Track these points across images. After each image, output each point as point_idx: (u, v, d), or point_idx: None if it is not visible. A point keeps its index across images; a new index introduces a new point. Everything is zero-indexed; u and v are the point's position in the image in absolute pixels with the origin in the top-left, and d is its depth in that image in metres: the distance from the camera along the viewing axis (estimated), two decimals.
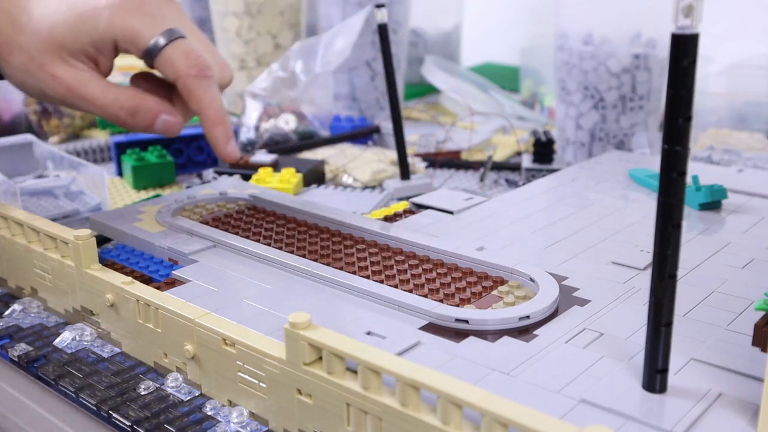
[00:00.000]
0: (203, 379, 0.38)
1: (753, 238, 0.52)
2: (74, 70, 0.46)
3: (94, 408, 0.38)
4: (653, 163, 0.69)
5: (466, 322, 0.39)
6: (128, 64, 1.26)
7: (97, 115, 0.49)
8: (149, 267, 0.48)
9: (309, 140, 0.83)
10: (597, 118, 0.77)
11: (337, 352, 0.32)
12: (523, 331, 0.39)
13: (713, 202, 0.57)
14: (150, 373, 0.41)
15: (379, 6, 0.64)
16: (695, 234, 0.52)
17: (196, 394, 0.39)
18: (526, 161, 0.74)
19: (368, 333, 0.37)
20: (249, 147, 0.81)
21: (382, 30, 0.65)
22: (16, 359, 0.42)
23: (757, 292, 0.43)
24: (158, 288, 0.43)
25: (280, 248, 0.49)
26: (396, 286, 0.43)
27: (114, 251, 0.52)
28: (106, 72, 0.48)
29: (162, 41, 0.46)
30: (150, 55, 0.46)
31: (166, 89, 0.49)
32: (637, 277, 0.45)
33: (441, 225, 0.54)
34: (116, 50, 0.47)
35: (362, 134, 0.86)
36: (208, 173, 0.74)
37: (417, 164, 0.75)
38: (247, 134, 0.82)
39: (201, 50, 0.48)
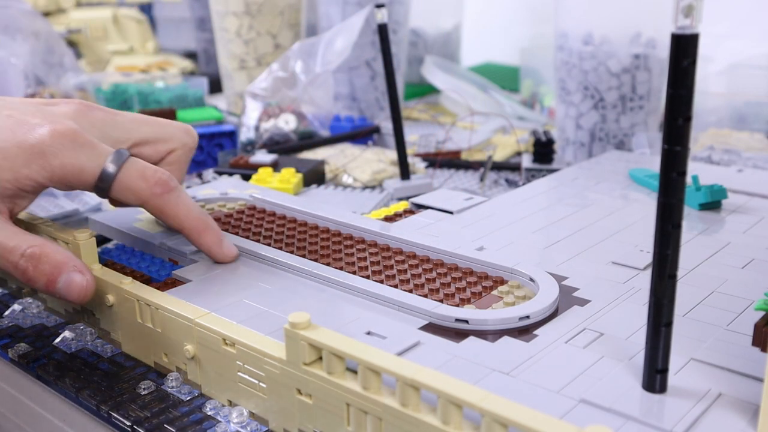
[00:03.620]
0: (203, 379, 0.39)
1: (753, 238, 0.52)
2: None
3: (94, 408, 0.38)
4: (653, 163, 0.69)
5: (466, 322, 0.39)
6: (128, 64, 1.26)
7: None
8: (149, 267, 0.48)
9: (309, 140, 0.83)
10: (597, 118, 0.77)
11: (337, 352, 0.32)
12: (523, 331, 0.39)
13: (713, 202, 0.57)
14: (150, 373, 0.41)
15: (379, 6, 0.64)
16: (695, 234, 0.52)
17: (196, 394, 0.39)
18: (526, 161, 0.74)
19: (368, 333, 0.37)
20: (249, 147, 0.81)
21: (382, 30, 0.65)
22: (16, 359, 0.42)
23: (757, 292, 0.43)
24: (158, 288, 0.43)
25: (280, 248, 0.49)
26: (396, 286, 0.43)
27: (114, 251, 0.52)
28: (16, 214, 0.42)
29: (111, 168, 0.41)
30: (103, 185, 0.42)
31: None
32: (637, 277, 0.45)
33: (441, 225, 0.54)
34: (45, 188, 0.42)
35: (362, 134, 0.86)
36: (208, 173, 0.74)
37: (417, 164, 0.75)
38: (247, 134, 0.82)
39: (157, 135, 0.46)
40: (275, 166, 0.70)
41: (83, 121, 0.43)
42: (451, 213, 0.56)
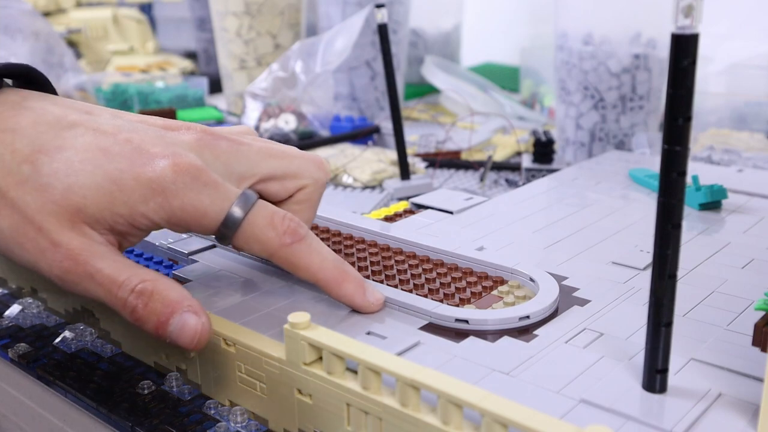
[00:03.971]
0: (203, 379, 0.38)
1: (753, 238, 0.52)
2: (86, 239, 0.35)
3: (94, 408, 0.38)
4: (653, 163, 0.69)
5: (466, 322, 0.39)
6: (128, 64, 1.26)
7: (99, 300, 0.36)
8: (149, 267, 0.48)
9: (309, 140, 0.83)
10: (597, 118, 0.77)
11: (337, 352, 0.32)
12: (523, 331, 0.39)
13: (713, 202, 0.57)
14: (150, 373, 0.41)
15: (379, 6, 0.64)
16: (695, 234, 0.52)
17: (196, 394, 0.39)
18: (526, 161, 0.74)
19: (368, 333, 0.37)
20: None
21: (382, 30, 0.65)
22: (16, 359, 0.42)
23: (757, 292, 0.43)
24: None
25: None
26: (396, 286, 0.43)
27: None
28: (125, 248, 0.38)
29: (238, 214, 0.37)
30: (227, 232, 0.37)
31: None
32: (637, 277, 0.45)
33: (441, 225, 0.54)
34: (160, 227, 0.37)
35: (362, 134, 0.86)
36: None
37: (417, 164, 0.75)
38: None
39: (291, 171, 0.41)
40: None
41: (207, 153, 0.38)
42: (451, 213, 0.56)
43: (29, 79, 0.39)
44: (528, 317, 0.39)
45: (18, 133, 0.35)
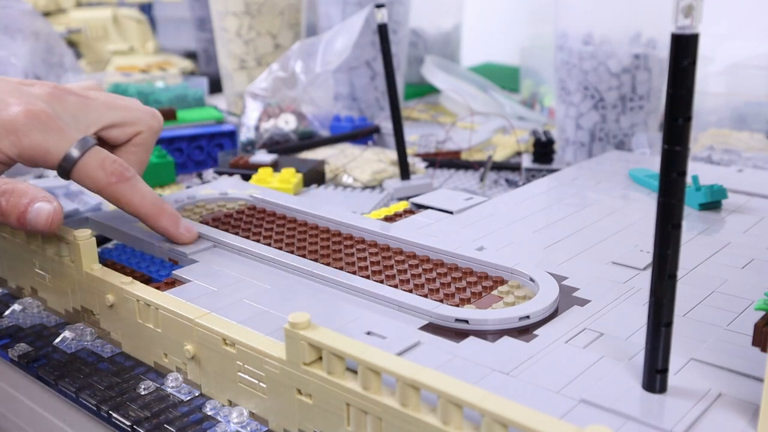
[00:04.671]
0: (203, 379, 0.39)
1: (753, 238, 0.52)
2: None
3: (94, 408, 0.38)
4: (653, 163, 0.69)
5: (466, 322, 0.39)
6: (128, 64, 1.26)
7: None
8: (149, 267, 0.48)
9: (309, 140, 0.83)
10: (597, 118, 0.77)
11: (337, 352, 0.32)
12: (523, 331, 0.39)
13: (713, 202, 0.57)
14: (150, 373, 0.41)
15: (379, 6, 0.64)
16: (695, 234, 0.52)
17: (196, 394, 0.39)
18: (526, 161, 0.74)
19: (368, 333, 0.37)
20: (249, 147, 0.81)
21: (382, 30, 0.65)
22: (16, 359, 0.42)
23: (757, 292, 0.43)
24: (158, 288, 0.43)
25: (280, 248, 0.49)
26: (396, 286, 0.43)
27: (114, 251, 0.52)
28: None
29: (75, 154, 0.44)
30: (64, 170, 0.45)
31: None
32: (637, 277, 0.45)
33: (441, 225, 0.54)
34: (14, 163, 0.45)
35: (362, 134, 0.86)
36: (208, 173, 0.74)
37: (417, 164, 0.75)
38: (247, 134, 0.82)
39: (124, 119, 0.48)
40: (275, 166, 0.70)
41: (56, 104, 0.46)
42: (451, 213, 0.56)
43: None
44: (528, 317, 0.39)
45: None
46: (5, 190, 0.43)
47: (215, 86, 1.12)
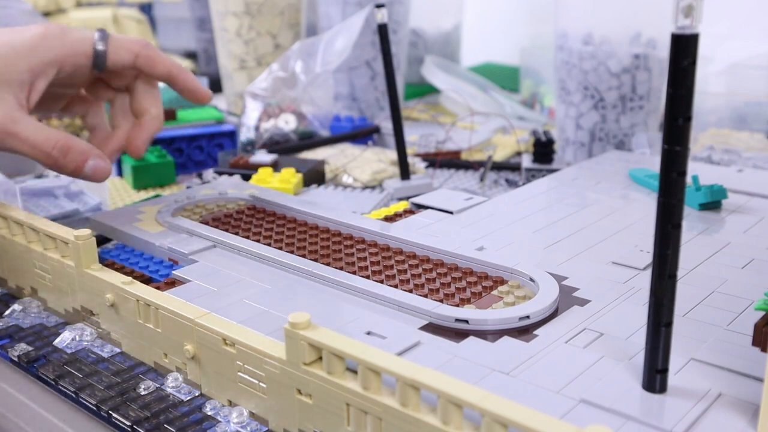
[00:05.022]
0: (203, 379, 0.38)
1: (753, 238, 0.52)
2: (4, 105, 0.46)
3: (94, 408, 0.38)
4: (653, 163, 0.69)
5: (466, 322, 0.39)
6: None
7: (24, 154, 0.48)
8: (149, 267, 0.48)
9: (309, 140, 0.83)
10: (597, 118, 0.77)
11: (337, 352, 0.32)
12: (523, 331, 0.39)
13: (713, 202, 0.57)
14: (150, 373, 0.41)
15: (379, 6, 0.64)
16: (695, 234, 0.52)
17: (196, 394, 0.39)
18: (526, 161, 0.74)
19: (368, 333, 0.37)
20: (249, 147, 0.81)
21: (382, 30, 0.65)
22: (16, 359, 0.42)
23: (757, 292, 0.43)
24: (158, 288, 0.43)
25: (280, 248, 0.49)
26: (396, 286, 0.43)
27: (114, 251, 0.52)
28: (31, 108, 0.48)
29: (101, 40, 0.50)
30: (101, 52, 0.49)
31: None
32: (637, 277, 0.45)
33: (441, 225, 0.54)
34: (58, 74, 0.48)
35: (362, 134, 0.86)
36: (208, 173, 0.74)
37: (417, 164, 0.75)
38: (247, 134, 0.82)
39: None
40: (275, 166, 0.70)
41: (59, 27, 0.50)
42: (451, 213, 0.56)
43: None
44: (528, 317, 0.39)
45: None
46: (63, 145, 0.47)
47: (215, 86, 1.12)
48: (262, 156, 0.71)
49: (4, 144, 0.46)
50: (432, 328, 0.39)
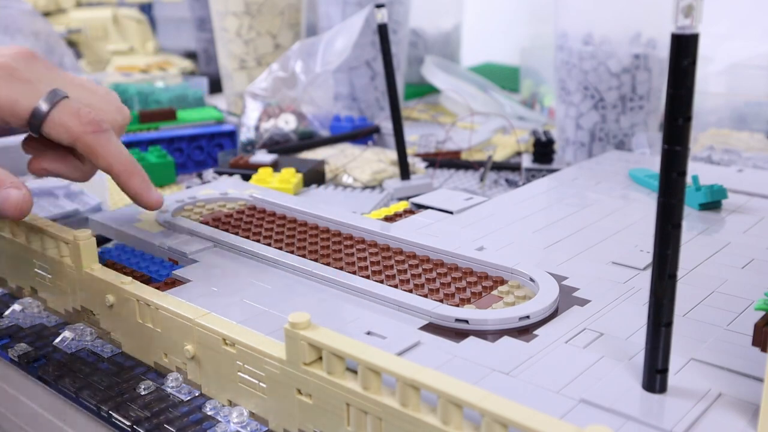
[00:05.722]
0: (203, 379, 0.38)
1: (753, 238, 0.52)
2: None
3: (94, 408, 0.38)
4: (653, 163, 0.69)
5: (466, 322, 0.39)
6: (128, 64, 1.26)
7: None
8: (149, 267, 0.48)
9: (309, 140, 0.83)
10: (597, 118, 0.77)
11: (337, 352, 0.32)
12: (523, 331, 0.39)
13: (713, 202, 0.57)
14: (150, 373, 0.41)
15: (379, 6, 0.64)
16: (695, 234, 0.52)
17: (196, 394, 0.39)
18: (526, 161, 0.74)
19: (368, 333, 0.37)
20: (249, 147, 0.81)
21: (382, 30, 0.65)
22: (16, 359, 0.42)
23: (757, 292, 0.43)
24: (158, 288, 0.43)
25: (280, 248, 0.49)
26: (396, 286, 0.43)
27: (114, 251, 0.52)
28: None
29: (45, 106, 0.43)
30: (35, 122, 0.43)
31: (62, 151, 0.46)
32: (637, 277, 0.45)
33: (441, 225, 0.54)
34: None
35: (362, 134, 0.86)
36: (208, 173, 0.74)
37: (417, 164, 0.75)
38: (247, 134, 0.82)
39: (89, 103, 0.46)
40: (275, 166, 0.70)
41: (23, 63, 0.44)
42: (451, 213, 0.56)
43: None
44: (528, 317, 0.39)
45: None
46: None
47: (215, 86, 1.12)
48: (262, 156, 0.71)
49: None
50: (432, 328, 0.39)
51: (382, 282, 0.44)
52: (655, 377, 0.33)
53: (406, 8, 0.96)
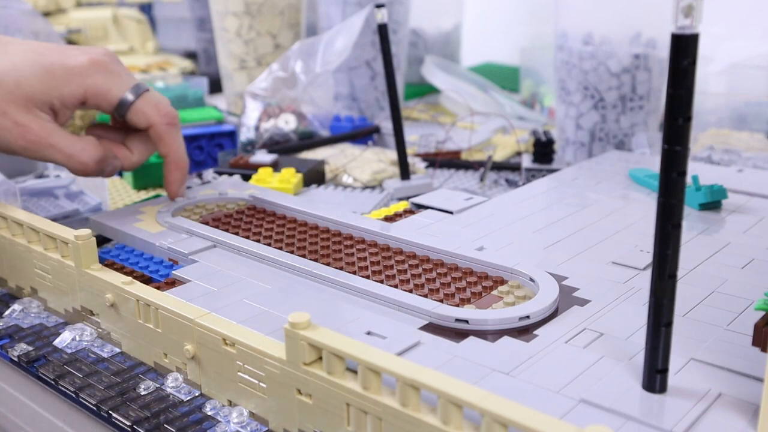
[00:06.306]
0: (203, 379, 0.39)
1: (753, 238, 0.52)
2: (40, 120, 0.49)
3: (94, 408, 0.38)
4: (653, 163, 0.69)
5: (466, 322, 0.39)
6: (128, 64, 1.26)
7: (58, 164, 0.51)
8: (149, 267, 0.48)
9: (309, 140, 0.83)
10: (597, 118, 0.77)
11: (337, 352, 0.32)
12: (523, 331, 0.39)
13: (713, 202, 0.57)
14: (150, 373, 0.41)
15: (379, 6, 0.64)
16: (695, 234, 0.52)
17: (196, 394, 0.39)
18: (526, 161, 0.74)
19: (368, 333, 0.37)
20: (249, 147, 0.81)
21: (382, 30, 0.65)
22: (16, 359, 0.42)
23: (757, 292, 0.43)
24: (158, 288, 0.43)
25: (280, 248, 0.49)
26: (396, 286, 0.43)
27: (114, 251, 0.52)
28: (62, 125, 0.52)
29: (131, 96, 0.51)
30: (122, 108, 0.51)
31: (119, 133, 0.55)
32: (637, 277, 0.45)
33: (441, 225, 0.54)
34: (81, 105, 0.51)
35: (362, 134, 0.86)
36: (208, 173, 0.74)
37: (417, 164, 0.75)
38: (247, 134, 0.82)
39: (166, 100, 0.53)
40: (275, 166, 0.70)
41: (111, 60, 0.52)
42: (451, 213, 0.56)
43: None
44: (528, 317, 0.39)
45: None
46: (99, 157, 0.51)
47: (215, 86, 1.12)
48: (262, 156, 0.71)
49: (43, 154, 0.50)
50: (432, 328, 0.39)
51: (382, 282, 0.44)
52: (655, 377, 0.33)
53: (406, 8, 0.96)
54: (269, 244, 0.49)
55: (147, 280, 0.47)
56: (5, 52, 0.50)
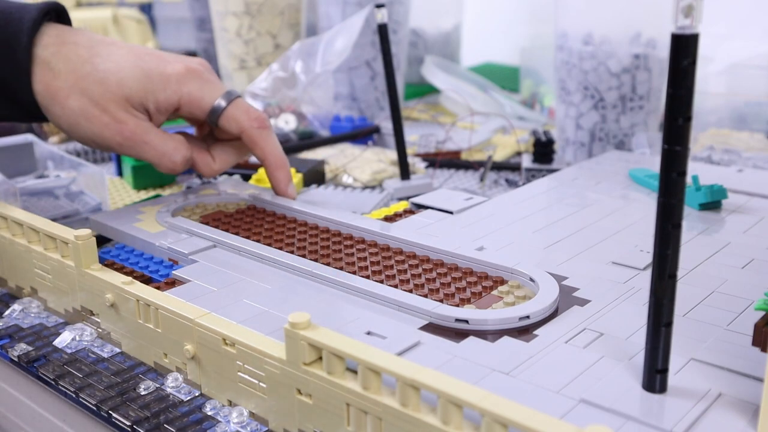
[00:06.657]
0: (203, 379, 0.39)
1: (753, 238, 0.52)
2: (136, 118, 0.52)
3: (94, 408, 0.38)
4: (653, 163, 0.69)
5: (466, 322, 0.39)
6: None
7: (149, 161, 0.53)
8: (149, 267, 0.48)
9: (309, 140, 0.83)
10: (597, 118, 0.77)
11: (337, 352, 0.32)
12: (523, 331, 0.39)
13: (713, 202, 0.57)
14: (150, 373, 0.41)
15: (379, 6, 0.64)
16: (695, 234, 0.52)
17: (196, 394, 0.39)
18: (526, 161, 0.74)
19: (368, 333, 0.37)
20: None
21: (382, 30, 0.65)
22: (16, 359, 0.42)
23: (757, 292, 0.43)
24: (158, 288, 0.43)
25: (280, 248, 0.49)
26: (396, 286, 0.43)
27: (114, 251, 0.52)
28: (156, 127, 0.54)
29: (223, 103, 0.53)
30: (214, 114, 0.54)
31: (204, 141, 0.57)
32: (637, 277, 0.45)
33: (441, 225, 0.54)
34: (174, 112, 0.54)
35: (362, 134, 0.86)
36: None
37: (417, 164, 0.75)
38: None
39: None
40: None
41: (204, 69, 0.55)
42: (451, 213, 0.56)
43: (58, 15, 0.54)
44: (528, 317, 0.39)
45: (78, 45, 0.52)
46: (188, 157, 0.54)
47: None
48: None
49: (137, 151, 0.52)
50: (432, 328, 0.39)
51: (382, 282, 0.44)
52: (655, 377, 0.33)
53: (406, 8, 0.96)
54: (269, 244, 0.49)
55: (147, 280, 0.47)
56: (109, 53, 0.52)
